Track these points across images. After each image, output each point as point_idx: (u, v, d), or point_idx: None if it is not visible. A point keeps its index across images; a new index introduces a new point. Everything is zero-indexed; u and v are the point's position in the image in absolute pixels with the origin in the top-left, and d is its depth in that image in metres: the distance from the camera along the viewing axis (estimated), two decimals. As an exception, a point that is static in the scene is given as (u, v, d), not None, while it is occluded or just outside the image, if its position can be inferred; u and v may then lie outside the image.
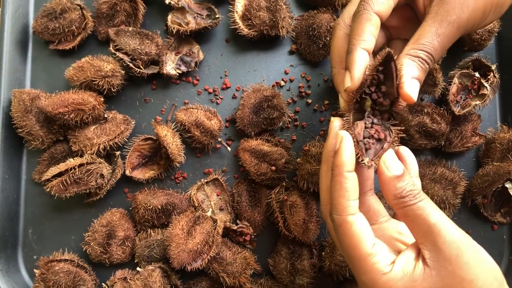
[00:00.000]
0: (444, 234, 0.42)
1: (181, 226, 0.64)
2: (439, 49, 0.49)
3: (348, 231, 0.44)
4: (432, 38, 0.48)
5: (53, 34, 0.73)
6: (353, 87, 0.48)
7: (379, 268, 0.43)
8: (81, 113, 0.68)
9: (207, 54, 0.77)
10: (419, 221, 0.43)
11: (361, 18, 0.50)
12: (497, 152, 0.70)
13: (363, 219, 0.45)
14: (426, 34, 0.48)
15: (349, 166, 0.45)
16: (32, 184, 0.75)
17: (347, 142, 0.45)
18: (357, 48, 0.49)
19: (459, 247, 0.41)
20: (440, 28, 0.48)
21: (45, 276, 0.68)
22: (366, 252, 0.44)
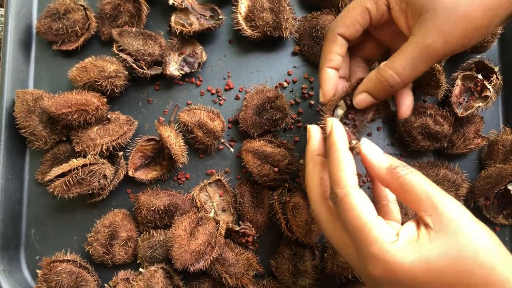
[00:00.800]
0: (442, 197, 0.43)
1: (183, 227, 0.64)
2: (409, 71, 0.51)
3: (352, 201, 0.45)
4: (404, 60, 0.50)
5: (56, 34, 0.73)
6: (324, 101, 0.57)
7: (387, 236, 0.43)
8: (84, 114, 0.68)
9: (210, 55, 0.77)
10: (416, 189, 0.44)
11: (328, 39, 0.57)
12: (500, 154, 0.70)
13: (365, 194, 0.46)
14: (401, 55, 0.51)
15: (343, 143, 0.49)
16: (35, 184, 0.75)
17: (337, 124, 0.51)
18: (324, 68, 0.57)
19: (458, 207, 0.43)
20: (414, 51, 0.50)
21: (48, 277, 0.68)
22: (372, 221, 0.44)
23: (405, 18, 0.52)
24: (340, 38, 0.56)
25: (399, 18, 0.52)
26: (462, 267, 0.40)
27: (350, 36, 0.55)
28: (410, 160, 0.75)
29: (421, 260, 0.41)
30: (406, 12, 0.51)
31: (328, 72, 0.57)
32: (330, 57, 0.56)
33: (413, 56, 0.50)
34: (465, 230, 0.41)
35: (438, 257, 0.41)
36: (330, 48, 0.56)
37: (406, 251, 0.42)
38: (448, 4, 0.48)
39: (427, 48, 0.49)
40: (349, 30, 0.55)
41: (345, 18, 0.55)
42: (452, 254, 0.41)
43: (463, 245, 0.41)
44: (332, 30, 0.56)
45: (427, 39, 0.49)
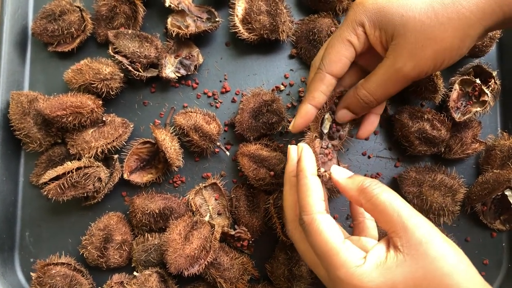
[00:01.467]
0: (413, 219, 0.44)
1: (178, 231, 0.64)
2: (380, 92, 0.55)
3: (318, 227, 0.47)
4: (376, 81, 0.54)
5: (52, 36, 0.73)
6: (293, 131, 0.60)
7: (353, 260, 0.44)
8: (79, 116, 0.67)
9: (207, 57, 0.76)
10: (388, 209, 0.45)
11: (316, 77, 0.57)
12: (497, 159, 0.70)
13: (331, 219, 0.48)
14: (374, 77, 0.54)
15: (311, 169, 0.51)
16: (29, 186, 0.74)
17: (307, 150, 0.53)
18: (306, 103, 0.58)
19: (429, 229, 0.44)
20: (385, 74, 0.53)
21: (42, 280, 0.67)
22: (338, 245, 0.45)
23: (381, 44, 0.54)
24: (329, 77, 0.56)
25: (376, 44, 0.54)
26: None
27: (339, 71, 0.56)
28: (407, 164, 0.74)
29: (386, 284, 0.42)
30: (381, 38, 0.53)
31: (307, 108, 0.58)
32: (314, 95, 0.58)
33: (384, 78, 0.53)
34: (433, 254, 0.42)
35: (404, 281, 0.42)
36: (317, 87, 0.57)
37: (372, 275, 0.43)
38: (417, 28, 0.50)
39: (397, 71, 0.52)
40: (337, 66, 0.56)
41: (330, 55, 0.56)
42: (418, 278, 0.42)
43: (430, 269, 0.42)
44: (320, 69, 0.57)
45: (397, 63, 0.51)
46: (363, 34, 0.54)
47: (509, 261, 0.73)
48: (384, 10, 0.51)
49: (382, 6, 0.52)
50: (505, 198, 0.69)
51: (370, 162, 0.75)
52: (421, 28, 0.50)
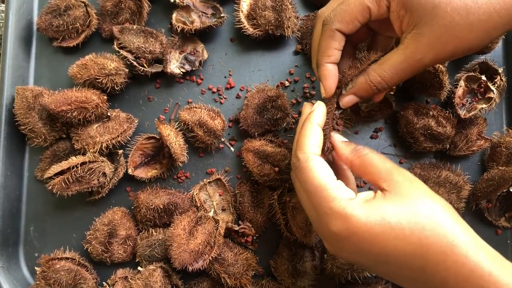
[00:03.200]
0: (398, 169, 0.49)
1: (183, 226, 0.64)
2: (395, 79, 0.54)
3: (312, 164, 0.49)
4: (392, 69, 0.53)
5: (57, 31, 0.73)
6: (327, 96, 0.57)
7: (345, 195, 0.47)
8: (84, 111, 0.68)
9: (212, 53, 0.76)
10: (374, 162, 0.50)
11: (325, 34, 0.56)
12: (503, 156, 0.69)
13: (324, 161, 0.50)
14: (390, 64, 0.53)
15: (318, 120, 0.54)
16: (34, 181, 0.74)
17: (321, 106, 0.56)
18: (323, 63, 0.57)
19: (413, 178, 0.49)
20: (403, 63, 0.52)
21: (46, 274, 0.67)
22: (332, 182, 0.48)
23: (400, 23, 0.52)
24: (339, 34, 0.55)
25: (394, 21, 0.53)
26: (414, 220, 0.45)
27: (348, 32, 0.55)
28: (412, 161, 0.74)
29: (376, 214, 0.45)
30: (403, 18, 0.52)
31: (329, 67, 0.57)
32: (329, 53, 0.56)
33: (402, 67, 0.53)
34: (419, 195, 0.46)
35: (392, 212, 0.45)
36: (328, 44, 0.56)
37: (363, 207, 0.46)
38: (446, 23, 0.49)
39: (417, 62, 0.52)
40: (348, 27, 0.54)
41: (344, 14, 0.54)
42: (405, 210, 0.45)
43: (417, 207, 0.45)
44: (329, 25, 0.55)
45: (418, 54, 0.51)
46: (385, 7, 0.52)
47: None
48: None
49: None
50: (510, 195, 0.69)
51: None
52: (450, 24, 0.49)
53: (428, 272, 0.44)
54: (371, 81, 0.55)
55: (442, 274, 0.44)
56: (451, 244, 0.44)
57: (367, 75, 0.55)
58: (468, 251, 0.44)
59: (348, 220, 0.45)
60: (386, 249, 0.45)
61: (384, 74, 0.54)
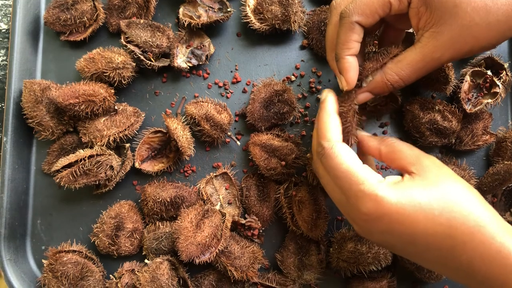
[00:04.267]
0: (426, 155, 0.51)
1: (190, 219, 0.64)
2: (412, 78, 0.55)
3: (339, 151, 0.51)
4: (410, 67, 0.54)
5: (64, 25, 0.73)
6: (349, 88, 0.57)
7: (374, 177, 0.48)
8: (92, 105, 0.68)
9: (218, 47, 0.76)
10: (403, 148, 0.52)
11: (344, 26, 0.55)
12: (508, 151, 0.70)
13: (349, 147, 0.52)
14: (407, 62, 0.54)
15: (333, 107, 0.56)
16: (41, 174, 0.75)
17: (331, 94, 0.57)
18: (343, 56, 0.56)
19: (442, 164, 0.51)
20: (421, 62, 0.53)
21: (53, 267, 0.68)
22: (360, 166, 0.49)
23: (418, 20, 0.53)
24: (358, 26, 0.54)
25: (413, 17, 0.53)
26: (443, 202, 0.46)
27: (367, 25, 0.55)
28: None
29: (406, 195, 0.46)
30: (422, 15, 0.52)
31: (349, 60, 0.56)
32: (349, 45, 0.56)
33: (420, 66, 0.53)
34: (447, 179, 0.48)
35: (421, 194, 0.46)
36: (348, 36, 0.55)
37: (393, 189, 0.47)
38: (465, 23, 0.49)
39: (434, 60, 0.52)
40: (367, 20, 0.54)
41: (365, 7, 0.53)
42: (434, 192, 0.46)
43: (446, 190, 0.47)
44: (348, 17, 0.54)
45: (436, 53, 0.52)
46: (406, 2, 0.52)
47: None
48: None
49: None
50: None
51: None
52: (469, 24, 0.49)
53: (456, 252, 0.46)
54: (387, 79, 0.55)
55: (468, 254, 0.45)
56: (478, 225, 0.45)
57: (383, 73, 0.56)
58: (494, 233, 0.45)
59: (379, 201, 0.46)
60: (416, 229, 0.46)
61: (402, 73, 0.54)
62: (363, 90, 0.58)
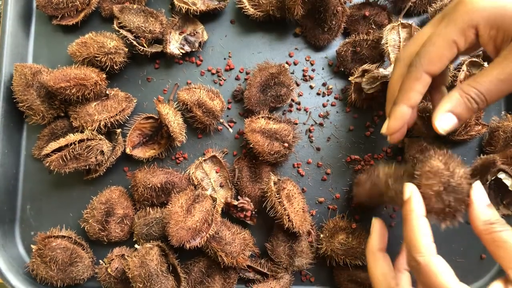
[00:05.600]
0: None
1: (180, 204, 0.64)
2: (494, 92, 0.49)
3: (436, 269, 0.47)
4: (490, 80, 0.49)
5: (56, 8, 0.73)
6: (387, 133, 0.57)
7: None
8: (83, 89, 0.67)
9: (212, 34, 0.76)
10: (508, 246, 0.46)
11: (411, 75, 0.53)
12: (501, 140, 0.69)
13: (445, 262, 0.48)
14: (487, 75, 0.49)
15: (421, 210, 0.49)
16: (31, 159, 0.74)
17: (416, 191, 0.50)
18: (401, 104, 0.55)
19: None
20: (502, 74, 0.48)
21: (42, 252, 0.67)
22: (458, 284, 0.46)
23: (494, 43, 0.50)
24: (426, 76, 0.53)
25: (487, 44, 0.51)
26: None
27: (437, 72, 0.53)
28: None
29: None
30: (496, 37, 0.49)
31: (403, 109, 0.55)
32: (410, 95, 0.54)
33: (500, 78, 0.49)
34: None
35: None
36: (413, 86, 0.54)
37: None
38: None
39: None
40: (436, 66, 0.52)
41: (431, 54, 0.52)
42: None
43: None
44: (415, 67, 0.53)
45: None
46: (473, 36, 0.50)
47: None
48: (505, 9, 0.48)
49: (503, 5, 0.48)
50: (500, 182, 0.69)
51: (372, 142, 0.74)
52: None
53: None
54: (467, 93, 0.51)
55: None
56: None
57: (461, 89, 0.51)
58: None
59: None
60: None
61: (481, 86, 0.50)
62: (443, 109, 0.52)
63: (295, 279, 0.71)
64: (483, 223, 0.48)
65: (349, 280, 0.69)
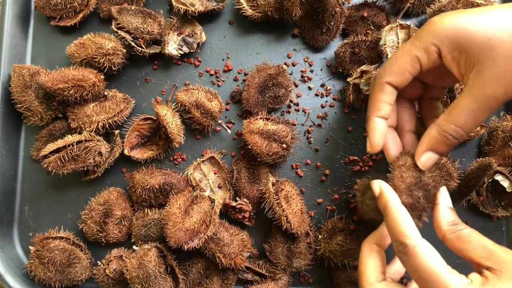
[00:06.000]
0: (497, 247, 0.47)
1: (178, 205, 0.64)
2: (471, 123, 0.50)
3: (422, 251, 0.47)
4: (465, 112, 0.49)
5: (54, 9, 0.73)
6: (372, 151, 0.56)
7: (461, 281, 0.46)
8: (81, 90, 0.67)
9: (210, 35, 0.76)
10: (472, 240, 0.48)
11: (375, 88, 0.55)
12: (499, 139, 0.69)
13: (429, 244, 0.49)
14: (460, 108, 0.49)
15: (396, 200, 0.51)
16: (29, 161, 0.74)
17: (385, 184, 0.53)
18: (372, 118, 0.56)
19: None
20: (474, 103, 0.48)
21: (40, 253, 0.67)
22: (444, 268, 0.46)
23: (458, 66, 0.50)
24: (389, 87, 0.54)
25: (451, 65, 0.51)
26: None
27: (399, 84, 0.54)
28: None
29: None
30: (459, 60, 0.49)
31: (376, 122, 0.56)
32: (378, 106, 0.55)
33: (474, 108, 0.48)
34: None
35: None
36: (378, 97, 0.55)
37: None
38: (507, 52, 0.46)
39: (488, 98, 0.48)
40: (398, 78, 0.53)
41: (394, 67, 0.53)
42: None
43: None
44: (379, 78, 0.55)
45: (486, 90, 0.47)
46: (435, 54, 0.51)
47: (508, 245, 0.73)
48: (467, 32, 0.48)
49: (465, 28, 0.48)
50: (497, 183, 0.69)
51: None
52: (511, 51, 0.46)
53: None
54: (444, 131, 0.51)
55: None
56: None
57: (438, 127, 0.52)
58: None
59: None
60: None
61: (457, 120, 0.50)
62: (423, 149, 0.53)
63: (294, 280, 0.71)
64: (448, 223, 0.51)
65: (347, 281, 0.69)
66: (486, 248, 0.47)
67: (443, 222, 0.51)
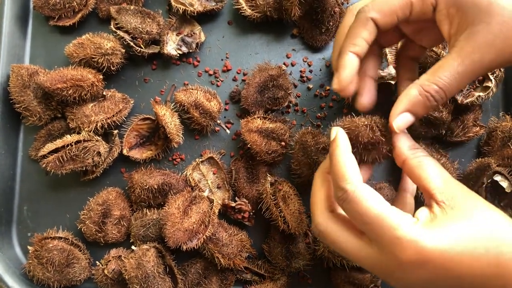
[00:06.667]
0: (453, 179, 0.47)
1: (177, 205, 0.64)
2: (454, 86, 0.47)
3: (364, 193, 0.45)
4: (450, 74, 0.46)
5: (53, 9, 0.72)
6: (338, 88, 0.51)
7: (408, 219, 0.43)
8: (80, 90, 0.67)
9: (209, 35, 0.76)
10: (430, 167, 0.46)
11: (357, 21, 0.51)
12: (498, 139, 0.69)
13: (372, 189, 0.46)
14: (446, 68, 0.47)
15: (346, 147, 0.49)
16: (28, 161, 0.74)
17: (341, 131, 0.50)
18: (346, 52, 0.51)
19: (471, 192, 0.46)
20: (461, 65, 0.46)
21: (39, 253, 0.67)
22: (389, 208, 0.44)
23: (449, 24, 0.48)
24: (372, 24, 0.50)
25: (442, 22, 0.48)
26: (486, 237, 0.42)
27: (383, 25, 0.50)
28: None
29: (446, 236, 0.42)
30: (453, 18, 0.47)
31: (350, 57, 0.51)
32: (356, 41, 0.50)
33: (459, 70, 0.46)
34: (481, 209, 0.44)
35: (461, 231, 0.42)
36: (358, 31, 0.50)
37: (431, 230, 0.42)
38: (505, 19, 0.44)
39: (475, 63, 0.46)
40: (384, 18, 0.49)
41: (383, 5, 0.49)
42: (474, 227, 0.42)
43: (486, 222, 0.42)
44: (364, 12, 0.50)
45: (475, 54, 0.45)
46: (429, 5, 0.48)
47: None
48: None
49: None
50: (497, 184, 0.69)
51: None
52: (508, 18, 0.44)
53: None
54: (426, 91, 0.47)
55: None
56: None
57: (419, 86, 0.48)
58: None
59: (420, 246, 0.41)
60: (462, 272, 0.41)
61: (440, 81, 0.47)
62: (400, 109, 0.49)
63: (292, 281, 0.71)
64: (409, 147, 0.49)
65: (346, 282, 0.68)
66: (445, 180, 0.45)
67: (404, 147, 0.49)
